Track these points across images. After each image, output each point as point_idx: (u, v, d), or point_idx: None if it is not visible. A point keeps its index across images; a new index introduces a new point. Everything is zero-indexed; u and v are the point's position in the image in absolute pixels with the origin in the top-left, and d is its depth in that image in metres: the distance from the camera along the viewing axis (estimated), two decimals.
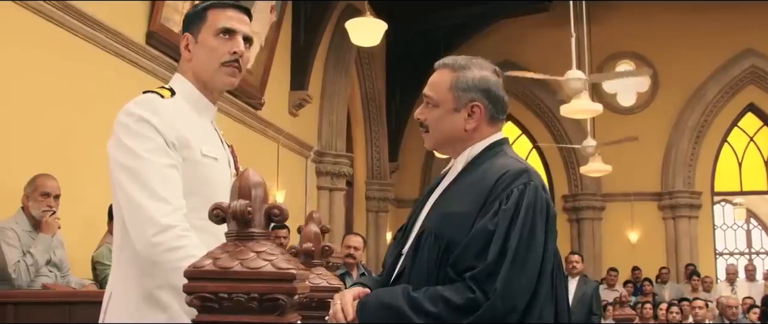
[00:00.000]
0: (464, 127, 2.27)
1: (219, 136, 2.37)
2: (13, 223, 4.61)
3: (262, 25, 8.90)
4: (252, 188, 1.58)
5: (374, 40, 8.16)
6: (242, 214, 1.53)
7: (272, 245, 1.54)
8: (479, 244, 2.08)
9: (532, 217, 2.12)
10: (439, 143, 2.35)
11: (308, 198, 10.96)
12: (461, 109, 2.27)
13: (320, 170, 11.38)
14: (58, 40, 5.62)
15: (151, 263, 2.00)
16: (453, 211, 2.17)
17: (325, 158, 11.42)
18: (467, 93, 2.27)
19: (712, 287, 13.02)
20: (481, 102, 2.27)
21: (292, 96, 10.37)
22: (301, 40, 10.36)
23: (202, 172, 2.14)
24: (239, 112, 8.80)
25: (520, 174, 2.16)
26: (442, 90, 2.29)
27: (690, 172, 14.96)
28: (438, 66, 2.36)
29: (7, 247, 4.48)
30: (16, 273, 4.43)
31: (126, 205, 2.06)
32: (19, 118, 5.20)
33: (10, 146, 5.11)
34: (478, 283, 2.04)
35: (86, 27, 5.87)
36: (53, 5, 5.52)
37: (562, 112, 9.83)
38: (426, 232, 2.18)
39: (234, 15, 2.29)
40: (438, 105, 2.29)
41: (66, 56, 5.68)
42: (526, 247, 2.09)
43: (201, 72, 2.29)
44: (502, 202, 2.12)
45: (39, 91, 5.35)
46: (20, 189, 4.73)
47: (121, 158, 2.09)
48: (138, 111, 2.13)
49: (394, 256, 2.34)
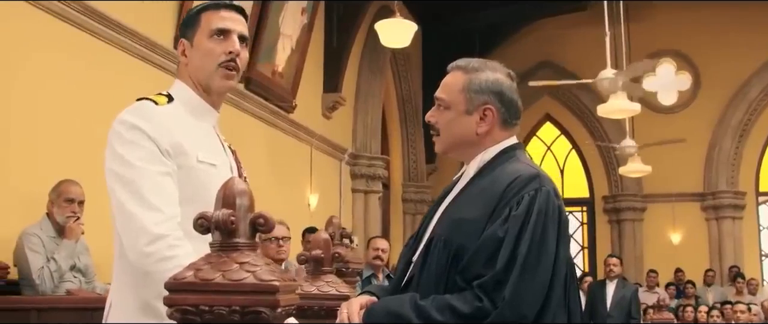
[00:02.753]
0: (476, 131, 2.22)
1: (221, 141, 2.33)
2: (37, 229, 4.64)
3: (293, 28, 8.89)
4: (237, 197, 1.54)
5: (404, 41, 8.10)
6: (225, 224, 1.50)
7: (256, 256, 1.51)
8: (488, 251, 2.02)
9: (543, 223, 2.06)
10: (449, 147, 2.29)
11: (343, 201, 10.93)
12: (473, 111, 2.22)
13: (355, 173, 11.34)
14: (82, 45, 5.64)
15: (144, 273, 1.97)
16: (463, 217, 2.12)
17: (360, 161, 11.38)
18: (480, 95, 2.22)
19: (759, 289, 12.75)
20: (494, 105, 2.22)
21: (325, 98, 10.35)
22: (334, 42, 10.33)
23: (198, 179, 2.10)
24: (271, 116, 8.80)
25: (532, 179, 2.11)
26: (454, 92, 2.24)
27: (733, 172, 14.68)
28: (450, 68, 2.32)
29: (31, 253, 4.51)
30: (40, 279, 4.45)
31: (119, 214, 2.04)
32: (44, 124, 5.23)
33: (35, 152, 5.15)
34: (487, 292, 1.98)
35: (111, 31, 5.88)
36: (77, 10, 5.54)
37: (598, 112, 9.69)
38: (435, 238, 2.14)
39: (227, 15, 2.26)
40: (449, 107, 2.24)
41: (91, 61, 5.70)
42: (537, 254, 2.03)
43: (198, 75, 2.25)
44: (512, 207, 2.06)
45: (63, 96, 5.38)
46: (45, 195, 4.75)
47: (114, 166, 2.06)
48: (130, 118, 2.11)
49: (404, 262, 2.29)
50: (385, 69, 12.15)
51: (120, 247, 2.12)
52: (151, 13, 6.30)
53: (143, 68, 6.22)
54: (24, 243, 4.55)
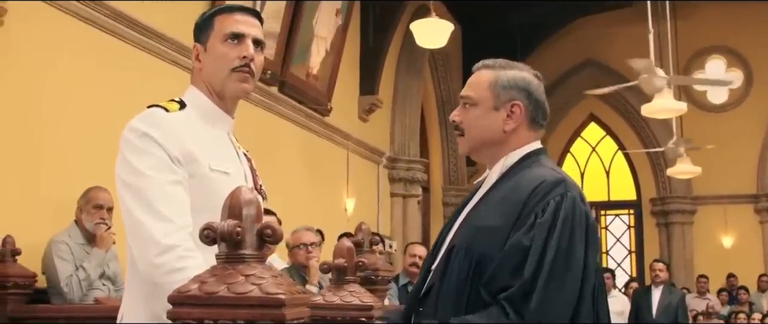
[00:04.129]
0: (503, 128, 2.20)
1: (235, 148, 2.31)
2: (66, 237, 4.67)
3: (327, 29, 8.90)
4: (243, 207, 1.52)
5: (441, 41, 8.07)
6: (231, 235, 1.48)
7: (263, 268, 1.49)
8: (514, 261, 1.97)
9: (570, 229, 2.01)
10: (475, 146, 2.25)
11: (381, 206, 10.91)
12: (500, 107, 2.20)
13: (393, 176, 11.32)
14: (111, 50, 5.67)
15: (153, 285, 1.96)
16: (484, 224, 2.08)
17: (398, 164, 11.35)
18: (507, 91, 2.20)
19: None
20: (522, 102, 2.20)
21: (362, 101, 10.34)
22: (370, 43, 10.31)
23: (211, 187, 2.08)
24: (305, 119, 8.81)
25: (557, 184, 2.06)
26: (481, 88, 2.22)
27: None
28: (476, 68, 2.30)
29: (59, 261, 4.54)
30: (68, 287, 4.48)
31: (128, 224, 2.03)
32: (72, 130, 5.28)
33: (64, 159, 5.19)
34: (513, 304, 1.94)
35: (141, 35, 5.91)
36: (106, 14, 5.58)
37: (643, 112, 9.54)
38: (456, 247, 2.09)
39: (241, 18, 2.23)
40: (476, 104, 2.22)
41: (120, 66, 5.73)
42: (565, 262, 1.98)
43: (212, 81, 2.23)
44: (537, 214, 2.01)
45: (92, 102, 5.42)
46: (74, 202, 4.79)
47: (123, 175, 2.06)
48: (140, 126, 2.10)
49: (424, 271, 2.26)
50: (424, 70, 12.11)
51: (131, 257, 2.12)
52: (181, 16, 6.33)
53: (174, 72, 6.25)
54: (52, 251, 4.58)
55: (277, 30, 7.83)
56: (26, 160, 4.97)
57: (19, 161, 4.92)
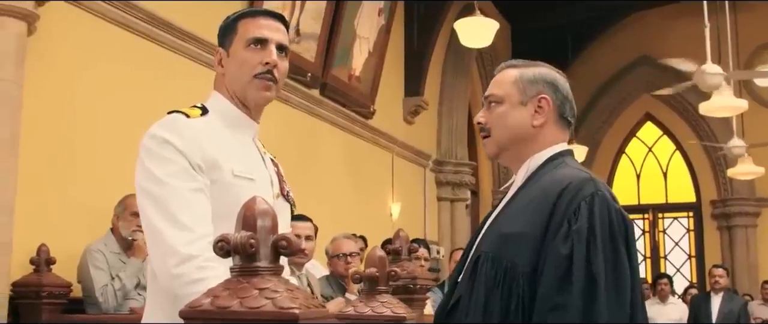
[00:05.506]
0: (531, 123, 2.17)
1: (260, 153, 2.30)
2: (102, 245, 4.71)
3: (369, 29, 8.89)
4: (258, 218, 1.51)
5: (485, 40, 8.00)
6: (245, 248, 1.47)
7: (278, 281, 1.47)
8: (557, 275, 1.90)
9: (609, 234, 1.95)
10: (503, 144, 2.21)
11: (427, 210, 10.88)
12: (528, 102, 2.18)
13: (440, 180, 11.28)
14: (145, 53, 5.72)
15: (173, 296, 1.95)
16: (511, 231, 2.02)
17: (445, 167, 11.30)
18: (534, 85, 2.19)
19: None
20: (549, 95, 2.18)
21: (407, 102, 10.32)
22: (414, 43, 10.29)
23: (234, 194, 2.04)
24: (348, 122, 8.81)
25: (584, 183, 2.00)
26: (507, 85, 2.21)
27: None
28: (499, 68, 2.30)
29: (95, 270, 4.58)
30: (104, 297, 4.52)
31: (148, 234, 2.03)
32: (108, 136, 5.32)
33: (99, 165, 5.24)
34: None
35: (176, 38, 5.95)
36: (141, 18, 5.63)
37: (701, 111, 9.37)
38: (482, 256, 2.04)
39: (265, 23, 2.21)
40: (502, 101, 2.20)
41: (155, 69, 5.77)
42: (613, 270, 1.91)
43: (234, 87, 2.22)
44: (571, 220, 1.95)
45: (127, 107, 5.46)
46: (110, 209, 4.84)
47: (143, 183, 2.05)
48: (160, 132, 2.09)
49: (451, 283, 2.23)
50: (471, 69, 12.05)
51: (152, 268, 2.12)
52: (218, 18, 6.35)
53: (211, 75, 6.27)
54: (88, 260, 4.62)
55: (317, 31, 7.84)
56: (61, 167, 5.02)
57: (54, 168, 4.98)
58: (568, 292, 1.88)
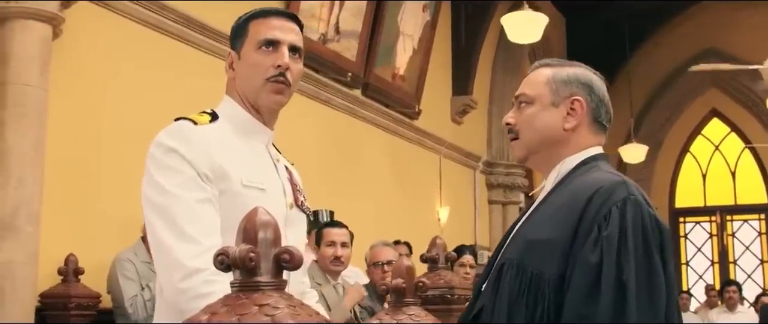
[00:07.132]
0: (563, 126, 2.12)
1: (273, 161, 2.28)
2: (131, 254, 4.74)
3: (414, 26, 8.87)
4: (259, 230, 1.49)
5: (534, 35, 7.93)
6: (244, 262, 1.46)
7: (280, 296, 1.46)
8: (585, 284, 1.85)
9: (642, 239, 1.90)
10: (532, 147, 2.16)
11: (478, 214, 10.83)
12: (560, 104, 2.13)
13: (491, 182, 11.23)
14: (178, 56, 5.76)
15: (180, 311, 1.94)
16: (537, 238, 1.98)
17: (496, 169, 11.25)
18: (567, 86, 2.14)
19: None
20: (583, 97, 2.13)
21: (455, 102, 10.28)
22: (461, 40, 10.25)
23: (245, 205, 2.01)
24: (393, 123, 8.80)
25: (616, 186, 1.95)
26: (539, 84, 2.16)
27: None
28: (533, 67, 2.26)
29: (124, 280, 4.62)
30: (133, 307, 4.55)
31: (154, 246, 2.02)
32: (137, 142, 5.33)
33: (128, 172, 5.27)
34: None
35: (211, 40, 5.98)
36: (174, 19, 5.67)
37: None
38: (506, 264, 2.00)
39: (278, 23, 2.18)
40: (533, 101, 2.15)
41: (188, 73, 5.79)
42: (646, 278, 1.86)
43: (245, 91, 2.19)
44: (601, 226, 1.90)
45: (159, 113, 5.48)
46: (140, 218, 4.86)
47: (149, 193, 2.05)
48: (167, 141, 2.08)
49: (475, 291, 2.20)
50: (523, 66, 11.93)
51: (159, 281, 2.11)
52: None
53: None
54: (117, 269, 4.66)
55: (358, 29, 7.84)
56: (88, 175, 5.07)
57: (81, 176, 5.03)
58: (596, 301, 1.84)
